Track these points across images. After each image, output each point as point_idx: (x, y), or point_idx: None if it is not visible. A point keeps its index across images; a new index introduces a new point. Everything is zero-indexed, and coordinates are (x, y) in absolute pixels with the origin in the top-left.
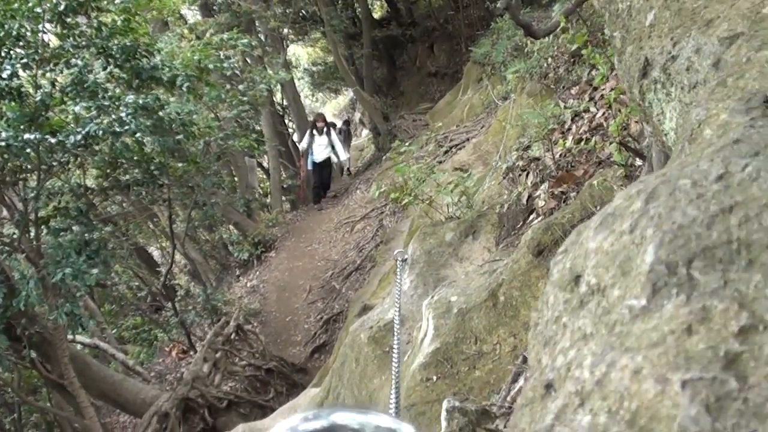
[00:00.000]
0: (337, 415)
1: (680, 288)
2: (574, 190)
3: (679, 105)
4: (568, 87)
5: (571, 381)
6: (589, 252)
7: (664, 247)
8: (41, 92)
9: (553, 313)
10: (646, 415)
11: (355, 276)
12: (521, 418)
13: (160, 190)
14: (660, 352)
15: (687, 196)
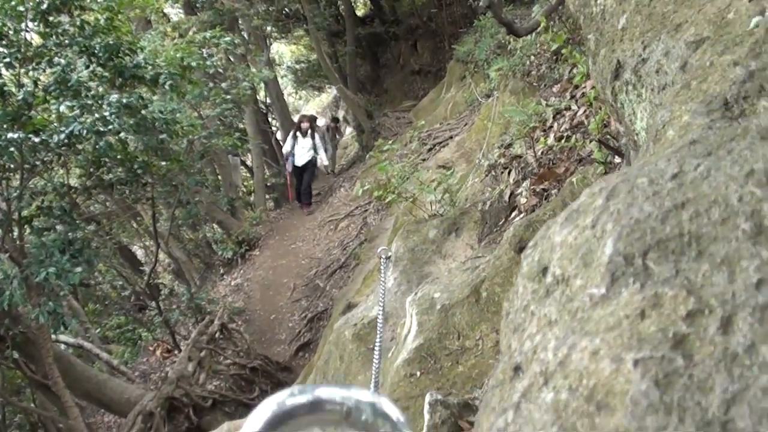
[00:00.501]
0: (321, 390)
1: (636, 277)
2: (555, 188)
3: (649, 106)
4: (551, 85)
5: (537, 363)
6: (555, 245)
7: (622, 240)
8: (24, 91)
9: (522, 302)
10: (602, 390)
11: (339, 274)
12: (492, 398)
13: (143, 188)
14: (616, 335)
15: (644, 193)
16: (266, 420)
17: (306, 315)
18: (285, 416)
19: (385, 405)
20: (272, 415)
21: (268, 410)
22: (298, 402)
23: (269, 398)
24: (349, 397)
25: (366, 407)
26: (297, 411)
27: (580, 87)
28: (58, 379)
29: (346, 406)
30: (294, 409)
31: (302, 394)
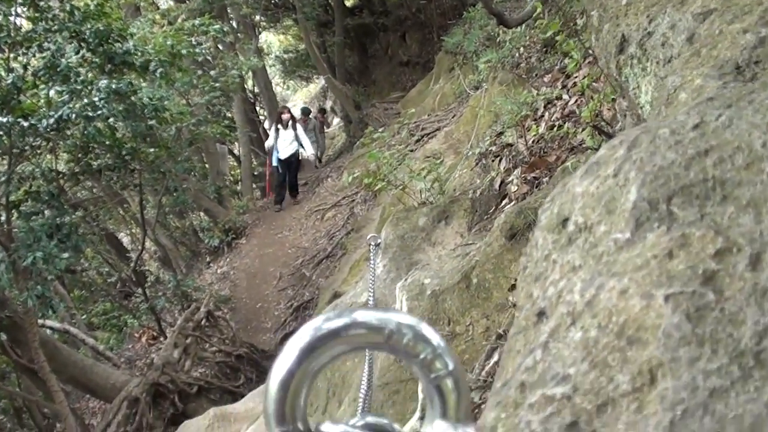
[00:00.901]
0: (358, 313)
1: (661, 221)
2: (546, 176)
3: (654, 79)
4: (541, 75)
5: (563, 305)
6: (576, 196)
7: (646, 186)
8: (13, 76)
9: (543, 253)
10: (633, 326)
11: (326, 263)
12: (515, 343)
13: (131, 175)
14: (644, 274)
15: (666, 142)
16: (303, 346)
17: (292, 304)
18: (322, 340)
19: (425, 329)
20: (309, 340)
21: (305, 336)
22: (334, 326)
23: (306, 324)
24: (388, 320)
25: (407, 330)
26: (334, 334)
27: (571, 77)
28: (44, 364)
29: (388, 329)
30: (331, 332)
31: (339, 317)
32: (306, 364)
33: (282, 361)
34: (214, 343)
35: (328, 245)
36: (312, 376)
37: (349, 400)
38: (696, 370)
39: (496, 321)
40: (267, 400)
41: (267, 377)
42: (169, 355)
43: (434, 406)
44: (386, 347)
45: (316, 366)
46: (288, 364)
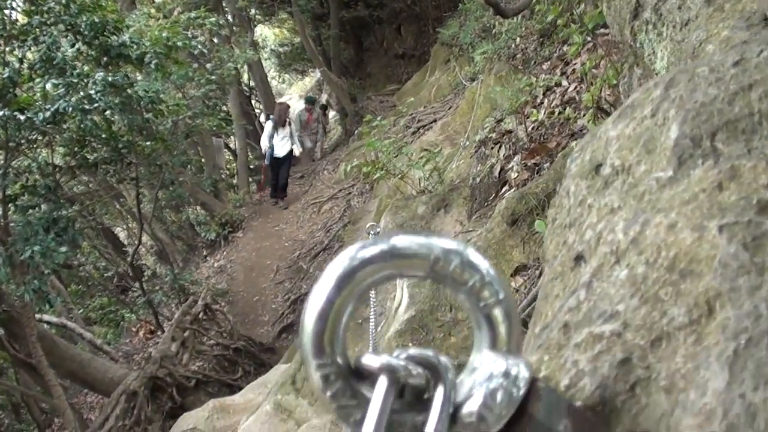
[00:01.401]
0: (397, 239)
1: (706, 157)
2: (547, 162)
3: (670, 44)
4: (540, 63)
5: (604, 246)
6: (611, 140)
7: (688, 123)
8: (9, 69)
9: (576, 199)
10: (685, 259)
11: (323, 256)
12: (552, 288)
13: (128, 168)
14: (693, 207)
15: (706, 80)
16: (341, 273)
17: (289, 297)
18: (361, 267)
19: (472, 255)
20: (347, 267)
21: (343, 263)
22: (374, 252)
23: (343, 252)
24: (433, 245)
25: (454, 256)
26: (374, 261)
27: (570, 63)
28: (42, 358)
29: (433, 255)
30: (370, 259)
31: (376, 244)
32: (346, 292)
33: (319, 290)
34: (211, 337)
35: (325, 238)
36: (352, 306)
37: None
38: (758, 299)
39: None
40: (303, 332)
41: (303, 309)
42: (167, 348)
43: (483, 336)
44: (431, 274)
45: (355, 295)
46: (326, 292)
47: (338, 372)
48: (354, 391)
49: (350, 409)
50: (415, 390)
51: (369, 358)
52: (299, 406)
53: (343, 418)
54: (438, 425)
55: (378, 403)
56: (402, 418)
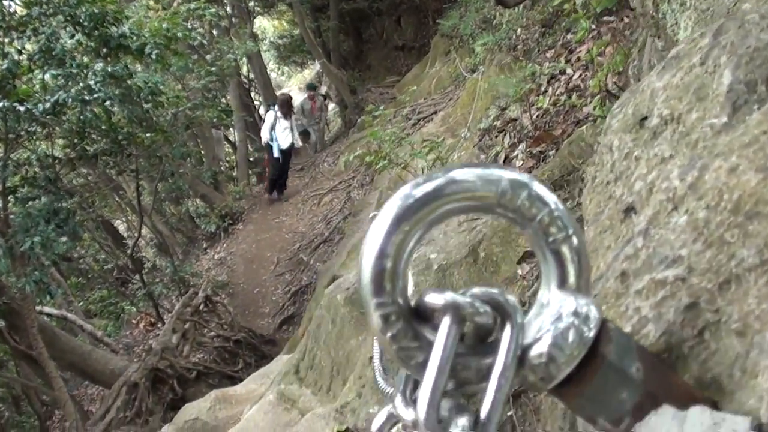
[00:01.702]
0: (455, 172)
1: (762, 102)
2: (552, 149)
3: (695, 13)
4: (543, 51)
5: (659, 194)
6: (656, 91)
7: (741, 68)
8: (8, 60)
9: (621, 153)
10: (750, 201)
11: (323, 248)
12: (601, 242)
13: (127, 160)
14: (755, 149)
15: (757, 26)
16: (401, 208)
17: (290, 289)
18: (424, 202)
19: (539, 188)
20: (408, 202)
21: (404, 198)
22: (436, 185)
23: (404, 186)
24: (498, 178)
25: (521, 189)
26: (437, 195)
27: (575, 51)
28: (43, 350)
29: (499, 188)
30: (433, 193)
31: (431, 180)
32: (407, 227)
33: (378, 228)
34: (212, 328)
35: (326, 230)
36: (413, 243)
37: (354, 378)
38: None
39: None
40: (362, 272)
41: (362, 245)
42: (168, 340)
43: (551, 274)
44: (497, 208)
45: (416, 232)
46: (385, 229)
47: (399, 312)
48: (416, 332)
49: (412, 351)
50: (479, 331)
51: (432, 295)
52: (303, 396)
53: (404, 361)
54: (506, 368)
55: (442, 342)
56: (466, 362)
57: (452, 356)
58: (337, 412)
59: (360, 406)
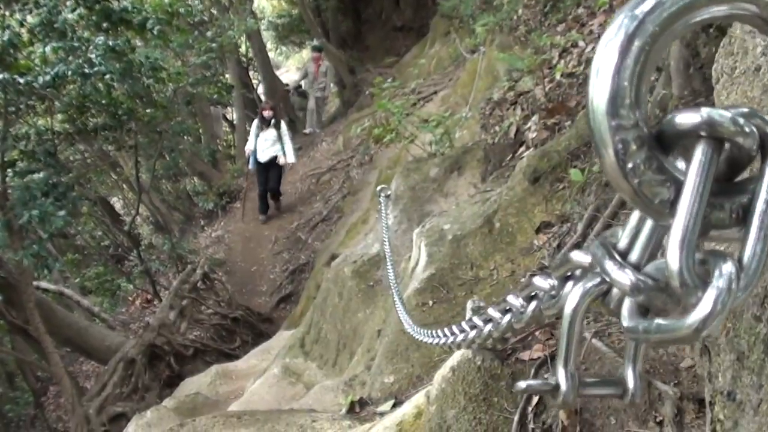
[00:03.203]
0: None
1: None
2: (567, 121)
3: None
4: (553, 26)
5: None
6: None
7: None
8: (9, 32)
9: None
10: None
11: (322, 227)
12: (730, 94)
13: (127, 135)
14: None
15: None
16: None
17: (287, 267)
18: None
19: None
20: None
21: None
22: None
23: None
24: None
25: None
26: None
27: (587, 25)
28: (39, 325)
29: None
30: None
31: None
32: (657, 29)
33: (618, 30)
34: (210, 306)
35: (324, 208)
36: (659, 53)
37: (362, 351)
38: None
39: (521, 264)
40: (595, 86)
41: (592, 62)
42: (165, 316)
43: None
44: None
45: (665, 37)
46: (629, 31)
47: (642, 137)
48: (660, 163)
49: (657, 187)
50: (729, 163)
51: (684, 115)
52: (308, 370)
53: (647, 199)
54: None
55: (699, 169)
56: (718, 201)
57: (709, 188)
58: (345, 385)
59: (369, 379)
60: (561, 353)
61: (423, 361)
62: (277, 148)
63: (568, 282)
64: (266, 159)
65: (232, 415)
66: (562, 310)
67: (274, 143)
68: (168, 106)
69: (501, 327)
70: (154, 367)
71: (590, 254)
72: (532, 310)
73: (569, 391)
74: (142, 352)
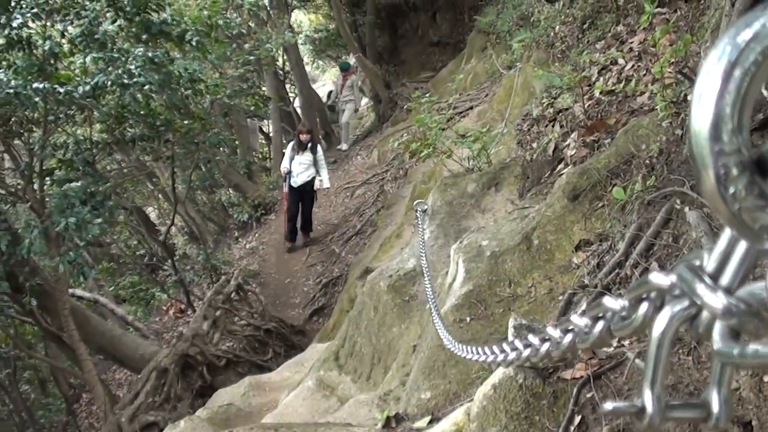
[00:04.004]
0: None
1: None
2: (607, 138)
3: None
4: (592, 44)
5: None
6: None
7: None
8: (50, 42)
9: None
10: None
11: (355, 240)
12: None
13: (164, 146)
14: None
15: None
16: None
17: (321, 280)
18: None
19: None
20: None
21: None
22: None
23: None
24: None
25: None
26: None
27: (626, 43)
28: (74, 332)
29: None
30: None
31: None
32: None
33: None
34: (243, 317)
35: (358, 222)
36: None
37: (397, 366)
38: None
39: (559, 282)
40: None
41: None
42: (199, 327)
43: None
44: None
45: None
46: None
47: (743, 162)
48: (761, 188)
49: (757, 212)
50: None
51: None
52: (342, 383)
53: (746, 224)
54: None
55: None
56: None
57: None
58: (380, 400)
59: (404, 394)
60: (648, 376)
61: (460, 378)
62: (311, 172)
63: (642, 304)
64: (300, 183)
65: (269, 427)
66: (636, 331)
67: (309, 167)
68: (205, 117)
69: (562, 347)
70: (186, 376)
71: (677, 277)
72: (599, 330)
73: (656, 414)
74: (175, 361)
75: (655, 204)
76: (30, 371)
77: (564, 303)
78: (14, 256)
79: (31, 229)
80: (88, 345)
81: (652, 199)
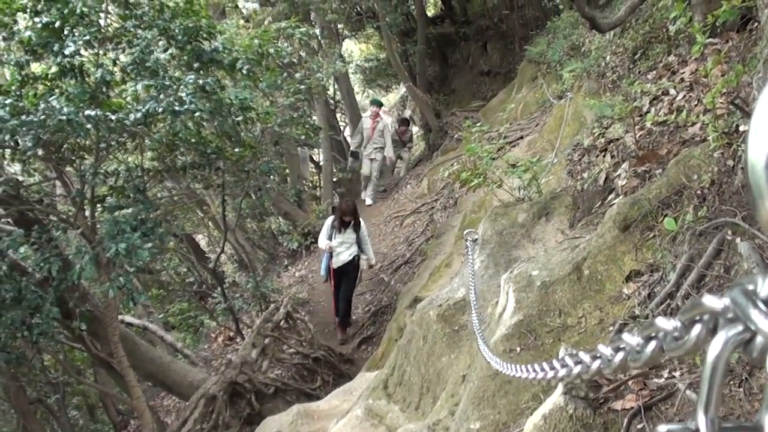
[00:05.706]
0: None
1: None
2: (658, 169)
3: None
4: (643, 74)
5: None
6: None
7: None
8: (102, 70)
9: None
10: None
11: (405, 269)
12: None
13: (215, 173)
14: None
15: None
16: None
17: (370, 308)
18: None
19: None
20: None
21: None
22: None
23: None
24: None
25: None
26: None
27: (677, 73)
28: (123, 358)
29: None
30: None
31: None
32: None
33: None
34: (291, 345)
35: (407, 251)
36: None
37: (446, 396)
38: None
39: (610, 313)
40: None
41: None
42: (248, 354)
43: None
44: None
45: None
46: None
47: None
48: None
49: None
50: None
51: None
52: (391, 412)
53: None
54: None
55: None
56: None
57: None
58: (429, 429)
59: (453, 424)
60: (702, 399)
61: (510, 408)
62: (353, 251)
63: (695, 325)
64: (342, 263)
65: None
66: (688, 352)
67: (352, 245)
68: (256, 145)
69: (613, 365)
70: (234, 404)
71: (731, 300)
72: (652, 350)
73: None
74: (223, 389)
75: (706, 235)
76: (79, 397)
77: (614, 334)
78: (65, 282)
79: (82, 255)
80: (137, 371)
81: (704, 230)
